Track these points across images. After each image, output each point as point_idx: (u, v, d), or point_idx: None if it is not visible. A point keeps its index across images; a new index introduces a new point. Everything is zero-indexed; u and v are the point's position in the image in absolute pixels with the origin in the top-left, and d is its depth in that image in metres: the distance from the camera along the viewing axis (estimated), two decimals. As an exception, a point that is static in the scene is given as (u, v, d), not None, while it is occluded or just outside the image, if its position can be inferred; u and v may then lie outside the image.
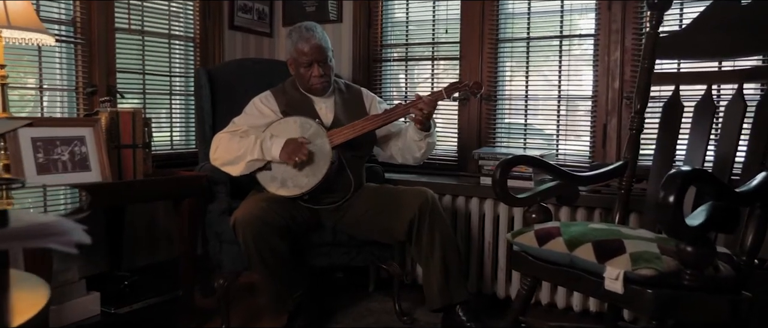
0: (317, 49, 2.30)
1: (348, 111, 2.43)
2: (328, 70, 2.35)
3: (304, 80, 2.36)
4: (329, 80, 2.38)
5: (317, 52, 2.30)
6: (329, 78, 2.37)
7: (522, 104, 2.90)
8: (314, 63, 2.31)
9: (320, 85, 2.35)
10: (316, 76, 2.32)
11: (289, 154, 2.20)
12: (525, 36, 2.87)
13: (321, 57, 2.31)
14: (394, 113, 2.29)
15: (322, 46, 2.32)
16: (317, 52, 2.30)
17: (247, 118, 2.39)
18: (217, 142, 2.33)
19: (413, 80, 3.24)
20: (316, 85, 2.35)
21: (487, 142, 2.94)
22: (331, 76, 2.38)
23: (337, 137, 2.28)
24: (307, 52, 2.30)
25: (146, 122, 2.37)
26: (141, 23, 2.81)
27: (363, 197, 2.38)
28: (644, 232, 1.68)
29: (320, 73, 2.32)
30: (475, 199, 2.68)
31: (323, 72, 2.33)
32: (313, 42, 2.30)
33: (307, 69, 2.33)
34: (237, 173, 2.29)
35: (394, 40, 3.24)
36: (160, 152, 2.91)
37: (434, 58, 3.10)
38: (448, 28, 3.05)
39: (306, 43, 2.30)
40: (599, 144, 2.69)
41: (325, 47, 2.33)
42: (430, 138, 2.35)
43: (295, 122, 2.31)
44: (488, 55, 2.93)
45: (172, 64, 2.98)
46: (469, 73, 2.97)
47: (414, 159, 2.43)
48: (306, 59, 2.31)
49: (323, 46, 2.32)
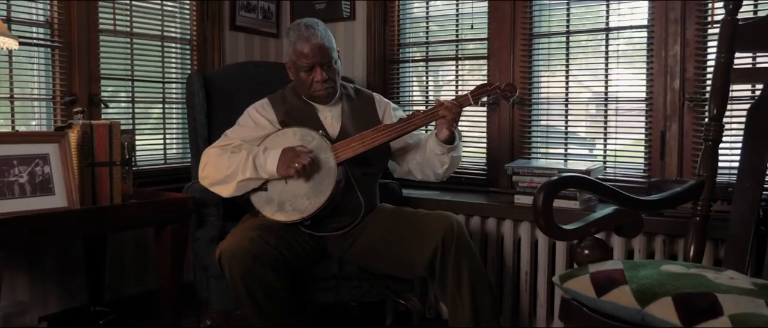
0: (319, 50, 1.96)
1: (357, 120, 2.08)
2: (333, 74, 2.01)
3: (305, 86, 2.01)
4: (334, 85, 2.03)
5: (319, 53, 1.96)
6: (334, 83, 2.02)
7: (561, 109, 2.51)
8: (316, 66, 1.97)
9: (324, 91, 2.00)
10: (318, 81, 1.97)
11: (287, 164, 1.85)
12: (564, 29, 2.48)
13: (324, 59, 1.97)
14: (411, 123, 1.93)
15: (324, 45, 1.97)
16: (319, 53, 1.96)
17: (240, 130, 2.05)
18: (206, 159, 2.00)
19: (435, 83, 2.87)
20: (319, 92, 2.00)
21: (521, 153, 2.55)
22: (336, 80, 2.03)
23: (345, 151, 1.92)
24: (307, 53, 1.95)
25: (126, 135, 2.06)
26: (129, 24, 2.50)
27: (376, 221, 2.02)
28: (736, 276, 1.29)
29: (323, 78, 1.97)
30: (509, 221, 2.30)
31: (327, 76, 1.98)
32: (313, 42, 1.96)
33: (308, 73, 1.98)
34: (228, 194, 1.95)
35: (413, 39, 2.88)
36: (152, 168, 2.60)
37: (458, 57, 2.73)
38: (474, 24, 2.67)
39: (306, 43, 1.96)
40: (656, 155, 2.28)
41: (328, 47, 1.98)
42: (455, 151, 1.98)
43: (294, 134, 1.97)
44: (521, 52, 2.54)
45: (165, 69, 2.67)
46: (498, 73, 2.59)
47: (435, 175, 2.06)
48: (306, 62, 1.96)
49: (326, 45, 1.98)
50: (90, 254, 2.26)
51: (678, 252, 2.02)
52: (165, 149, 2.66)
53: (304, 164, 1.84)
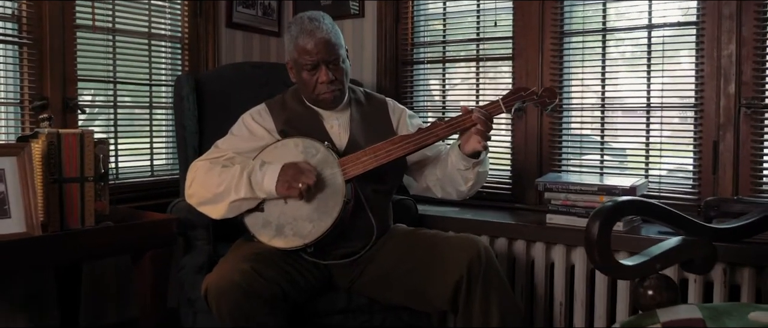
0: (324, 46, 1.69)
1: (368, 129, 1.81)
2: (341, 75, 1.73)
3: (309, 88, 1.74)
4: (342, 88, 1.75)
5: (324, 49, 1.68)
6: (342, 85, 1.75)
7: (597, 116, 2.23)
8: (321, 64, 1.69)
9: (330, 94, 1.73)
10: (323, 82, 1.70)
11: (289, 183, 1.58)
12: (599, 27, 2.20)
13: (330, 56, 1.69)
14: (432, 134, 1.65)
15: (330, 41, 1.70)
16: (324, 49, 1.68)
17: (233, 140, 1.78)
18: (193, 174, 1.72)
19: (453, 87, 2.59)
20: (325, 95, 1.73)
21: (551, 166, 2.27)
22: (344, 82, 1.76)
23: (354, 167, 1.65)
24: (310, 49, 1.68)
25: (101, 146, 1.79)
26: (111, 20, 2.23)
27: (389, 246, 1.75)
28: None
29: (329, 78, 1.70)
30: (540, 244, 2.01)
31: (334, 76, 1.71)
32: (318, 36, 1.69)
33: (312, 73, 1.71)
34: (218, 216, 1.68)
35: (428, 38, 2.61)
36: (137, 182, 2.32)
37: (480, 58, 2.45)
38: (498, 20, 2.40)
39: (309, 38, 1.69)
40: (707, 169, 2.00)
41: (335, 43, 1.71)
42: (481, 167, 1.70)
43: (296, 146, 1.70)
44: (550, 52, 2.27)
45: (153, 70, 2.40)
46: (525, 76, 2.31)
47: (458, 193, 1.78)
48: (309, 60, 1.69)
49: (333, 41, 1.70)
50: (62, 279, 1.99)
51: (741, 283, 1.74)
52: (152, 160, 2.39)
53: (308, 184, 1.57)
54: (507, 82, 2.40)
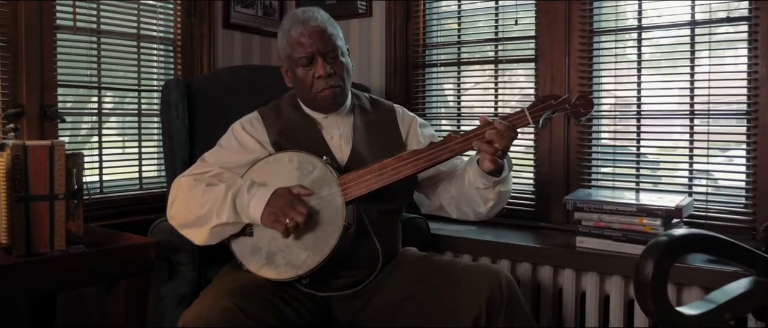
0: (319, 35, 1.48)
1: (374, 140, 1.59)
2: (341, 69, 1.52)
3: (305, 87, 1.53)
4: (343, 85, 1.53)
5: (319, 38, 1.48)
6: (343, 81, 1.53)
7: (632, 124, 1.99)
8: (317, 57, 1.49)
9: (329, 91, 1.51)
10: (321, 76, 1.49)
11: (275, 215, 1.37)
12: (635, 24, 1.97)
13: (326, 46, 1.49)
14: (447, 148, 1.42)
15: (325, 30, 1.50)
16: (319, 38, 1.48)
17: (221, 153, 1.57)
18: (176, 192, 1.52)
19: (468, 92, 2.37)
20: (324, 92, 1.51)
21: (579, 180, 2.03)
22: (345, 79, 1.54)
23: (356, 187, 1.43)
24: (304, 41, 1.48)
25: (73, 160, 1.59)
26: (96, 19, 2.04)
27: (398, 275, 1.52)
28: None
29: (327, 72, 1.49)
30: (569, 271, 1.78)
31: (332, 70, 1.49)
32: (312, 25, 1.49)
33: (308, 69, 1.51)
34: (201, 242, 1.47)
35: (441, 38, 2.38)
36: (124, 196, 2.13)
37: (498, 60, 2.22)
38: (519, 18, 2.17)
39: (302, 28, 1.49)
40: (764, 187, 1.75)
41: (331, 34, 1.50)
42: (504, 185, 1.47)
43: (290, 161, 1.48)
44: (578, 53, 2.03)
45: (142, 74, 2.21)
46: (550, 80, 2.08)
47: (476, 214, 1.55)
48: (303, 52, 1.48)
49: (328, 31, 1.50)
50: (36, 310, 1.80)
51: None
52: (141, 172, 2.19)
53: (297, 222, 1.35)
54: (528, 87, 2.17)
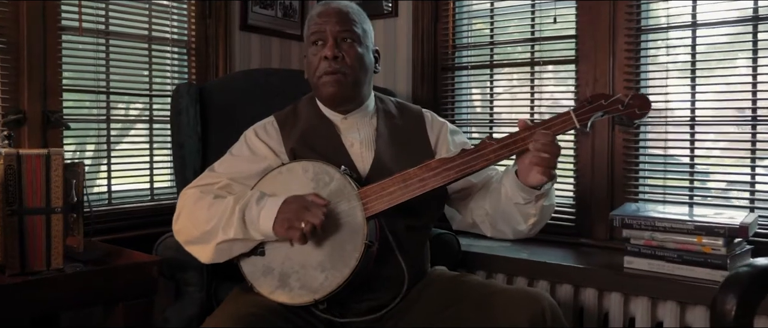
0: (336, 15, 1.36)
1: (400, 148, 1.43)
2: (352, 57, 1.36)
3: (311, 70, 1.40)
4: (349, 74, 1.36)
5: (335, 16, 1.36)
6: (352, 71, 1.37)
7: (684, 132, 1.80)
8: (328, 37, 1.35)
9: (331, 77, 1.35)
10: (326, 57, 1.34)
11: (289, 222, 1.22)
12: (688, 21, 1.78)
13: (342, 26, 1.35)
14: (480, 156, 1.25)
15: (346, 13, 1.38)
16: (335, 16, 1.36)
17: (231, 162, 1.43)
18: (182, 204, 1.38)
19: (502, 97, 2.19)
20: (325, 78, 1.36)
21: (625, 193, 1.85)
22: (356, 69, 1.37)
23: (378, 200, 1.27)
24: (319, 19, 1.37)
25: (73, 171, 1.47)
26: (104, 20, 1.93)
27: (426, 298, 1.36)
28: None
29: (334, 54, 1.33)
30: (617, 295, 1.59)
31: (340, 54, 1.35)
32: (333, 5, 1.39)
33: (316, 47, 1.38)
34: (207, 259, 1.33)
35: (473, 39, 2.22)
36: (133, 207, 2.01)
37: (535, 62, 2.05)
38: (558, 16, 2.00)
39: (323, 7, 1.40)
40: (841, 201, 1.55)
41: (352, 18, 1.38)
42: (547, 199, 1.30)
43: (305, 171, 1.33)
44: (624, 53, 1.85)
45: (153, 79, 2.09)
46: (592, 82, 1.90)
47: (514, 232, 1.38)
48: (316, 28, 1.38)
49: (350, 15, 1.38)
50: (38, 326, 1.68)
51: None
52: (152, 183, 2.07)
53: (314, 224, 1.20)
54: (568, 92, 1.99)
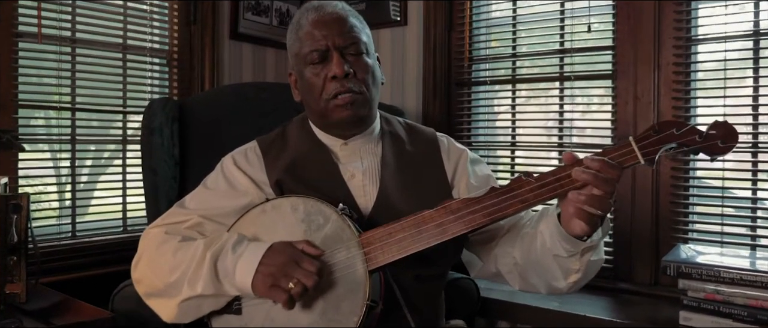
0: (337, 24, 1.09)
1: (410, 181, 1.16)
2: (364, 71, 1.10)
3: (315, 93, 1.11)
4: (366, 93, 1.11)
5: (337, 28, 1.09)
6: (366, 87, 1.11)
7: (746, 160, 1.53)
8: (332, 52, 1.08)
9: (348, 97, 1.09)
10: (337, 76, 1.07)
11: (274, 278, 0.95)
12: (749, 30, 1.52)
13: (345, 39, 1.09)
14: (514, 198, 0.97)
15: (346, 19, 1.10)
16: (337, 28, 1.09)
17: (206, 196, 1.17)
18: (143, 247, 1.12)
19: (526, 116, 1.93)
20: (340, 100, 1.09)
21: (673, 233, 1.57)
22: (369, 85, 1.12)
23: (385, 249, 1.00)
24: (316, 32, 1.09)
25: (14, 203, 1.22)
26: (71, 26, 1.69)
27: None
28: None
29: (344, 71, 1.07)
30: (674, 360, 1.32)
31: (351, 70, 1.08)
32: (328, 11, 1.11)
33: (319, 67, 1.10)
34: (169, 318, 1.07)
35: (492, 50, 1.97)
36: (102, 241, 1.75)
37: (565, 77, 1.79)
38: (592, 25, 1.74)
39: (315, 15, 1.10)
40: None
41: (354, 25, 1.11)
42: (595, 253, 1.01)
43: (294, 210, 1.07)
44: (671, 67, 1.59)
45: (128, 94, 1.84)
46: (632, 101, 1.64)
47: (549, 289, 1.10)
48: (315, 46, 1.09)
49: (350, 21, 1.11)
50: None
51: None
52: (125, 212, 1.81)
53: (305, 286, 0.94)
54: (604, 111, 1.73)
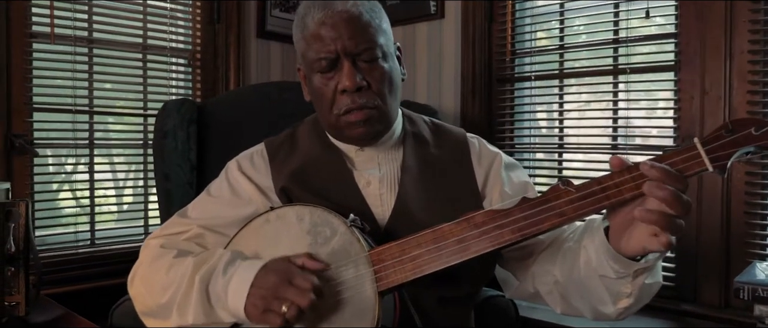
0: (347, 25, 0.92)
1: (434, 190, 1.01)
2: (379, 81, 0.95)
3: (324, 104, 0.98)
4: (382, 107, 0.96)
5: (347, 29, 0.92)
6: (382, 100, 0.96)
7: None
8: (342, 60, 0.93)
9: (360, 115, 0.94)
10: (347, 89, 0.93)
11: (265, 301, 0.82)
12: (840, 11, 1.29)
13: (357, 43, 0.93)
14: (552, 209, 0.80)
15: (359, 17, 0.94)
16: (347, 29, 0.92)
17: (208, 204, 1.05)
18: (141, 260, 1.02)
19: (574, 114, 1.74)
20: (350, 118, 0.95)
21: (748, 246, 1.36)
22: (386, 96, 0.97)
23: (397, 267, 0.85)
24: (324, 33, 0.93)
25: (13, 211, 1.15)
26: (88, 26, 1.62)
27: None
28: None
29: (356, 84, 0.93)
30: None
31: (365, 82, 0.94)
32: (337, 9, 0.93)
33: (327, 76, 0.95)
34: (161, 340, 0.96)
35: (537, 43, 1.79)
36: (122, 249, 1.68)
37: (619, 70, 1.60)
38: (651, 10, 1.54)
39: (322, 13, 0.94)
40: None
41: (368, 23, 0.94)
42: (651, 276, 0.83)
43: (300, 220, 0.93)
44: (747, 56, 1.38)
45: (148, 96, 1.76)
46: (699, 96, 1.43)
47: (596, 314, 0.92)
48: (323, 51, 0.93)
49: (364, 18, 0.94)
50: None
51: None
52: (146, 220, 1.74)
53: (300, 307, 0.80)
54: (666, 108, 1.52)
